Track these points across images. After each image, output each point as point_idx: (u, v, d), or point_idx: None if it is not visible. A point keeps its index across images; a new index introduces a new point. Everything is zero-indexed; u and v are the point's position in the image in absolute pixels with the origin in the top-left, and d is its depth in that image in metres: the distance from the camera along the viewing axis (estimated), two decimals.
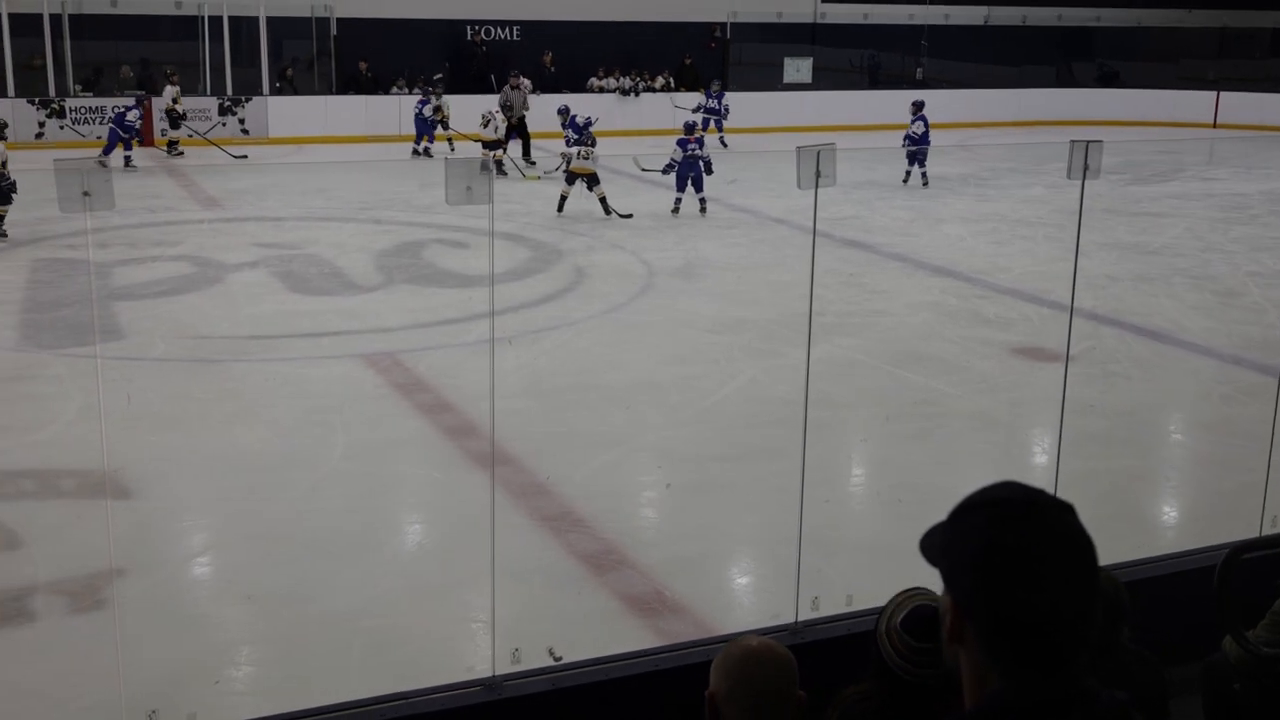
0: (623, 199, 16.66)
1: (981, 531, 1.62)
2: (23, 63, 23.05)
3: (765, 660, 2.57)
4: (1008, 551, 1.59)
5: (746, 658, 2.56)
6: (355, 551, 6.77)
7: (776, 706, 2.53)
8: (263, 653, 5.92)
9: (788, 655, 2.61)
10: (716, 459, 8.15)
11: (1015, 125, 28.25)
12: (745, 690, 2.52)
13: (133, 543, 6.72)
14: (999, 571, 1.58)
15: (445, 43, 26.36)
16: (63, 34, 23.41)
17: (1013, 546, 1.59)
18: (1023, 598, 1.57)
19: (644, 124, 25.29)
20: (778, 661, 2.58)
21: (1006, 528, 1.61)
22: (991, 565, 1.59)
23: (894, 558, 3.38)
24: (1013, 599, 1.57)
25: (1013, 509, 1.63)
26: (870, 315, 11.73)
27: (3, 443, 8.18)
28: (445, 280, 12.91)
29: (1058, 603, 1.57)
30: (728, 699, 2.53)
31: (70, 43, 23.58)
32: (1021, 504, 1.64)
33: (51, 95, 22.92)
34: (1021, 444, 8.98)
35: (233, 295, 12.30)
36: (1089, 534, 1.63)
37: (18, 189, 14.13)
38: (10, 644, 5.80)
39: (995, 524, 1.62)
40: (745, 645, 2.61)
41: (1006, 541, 1.60)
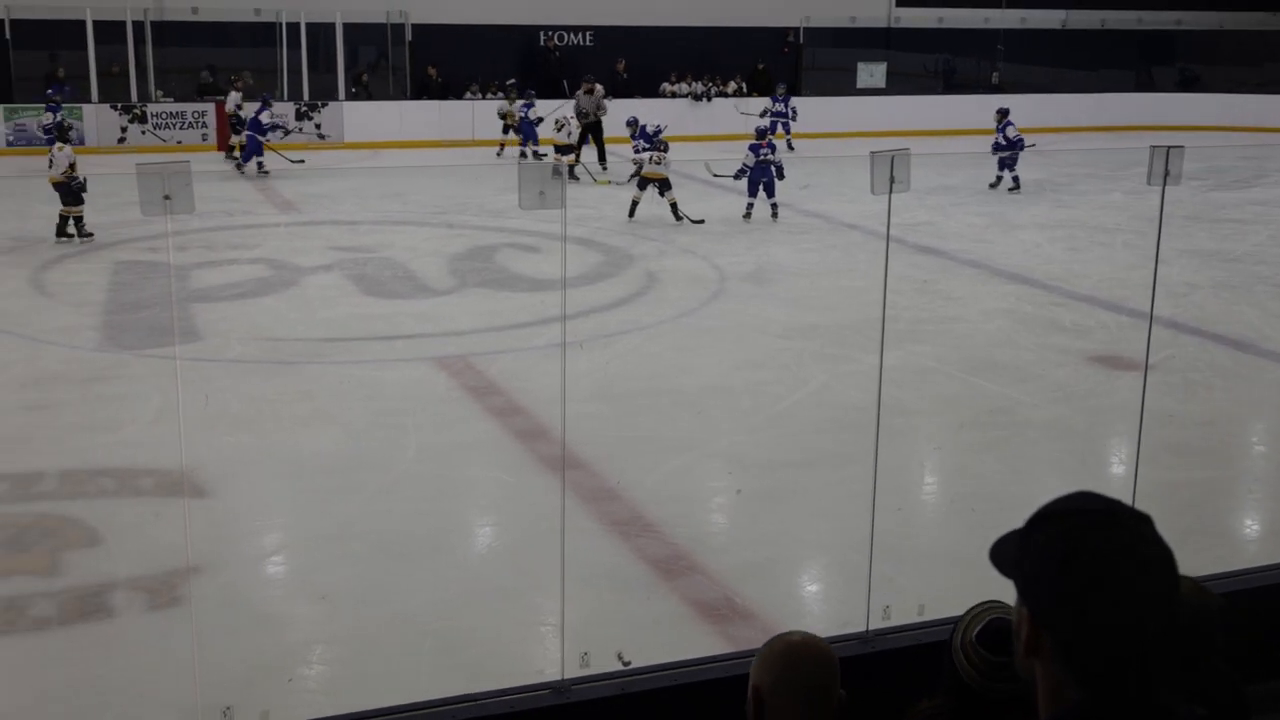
0: (694, 204, 16.66)
1: (1059, 542, 1.60)
2: (105, 69, 23.42)
3: (811, 655, 2.56)
4: (1086, 563, 1.57)
5: (791, 652, 2.55)
6: (426, 553, 6.81)
7: (822, 702, 2.51)
8: (335, 652, 5.97)
9: (831, 651, 2.60)
10: (787, 464, 8.11)
11: (1093, 130, 27.91)
12: (791, 685, 2.50)
13: (208, 541, 6.80)
14: (1077, 583, 1.56)
15: (519, 48, 26.50)
16: (145, 40, 23.77)
17: (1091, 558, 1.57)
18: (1101, 610, 1.54)
19: (716, 129, 25.27)
20: (822, 657, 2.56)
21: (1084, 538, 1.58)
22: (1069, 577, 1.57)
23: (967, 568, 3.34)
24: (1091, 611, 1.55)
25: (1090, 519, 1.61)
26: (944, 322, 11.63)
27: (84, 442, 8.32)
28: (517, 284, 12.97)
29: (1136, 615, 1.54)
30: (773, 693, 2.51)
31: (152, 49, 23.92)
32: (1099, 514, 1.61)
33: (133, 101, 23.29)
34: (1098, 454, 8.86)
35: (308, 298, 12.43)
36: (1168, 545, 1.60)
37: (87, 188, 14.34)
38: (91, 639, 5.89)
39: (1073, 535, 1.59)
40: (789, 641, 2.60)
41: (1084, 553, 1.57)
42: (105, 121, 22.37)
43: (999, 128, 19.76)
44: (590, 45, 27.02)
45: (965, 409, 9.32)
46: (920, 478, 8.27)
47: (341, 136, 24.01)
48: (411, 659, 5.72)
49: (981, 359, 10.44)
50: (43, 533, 6.92)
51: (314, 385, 9.73)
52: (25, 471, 7.76)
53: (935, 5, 29.38)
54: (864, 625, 4.54)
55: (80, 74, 23.17)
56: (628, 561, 6.72)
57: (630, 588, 6.44)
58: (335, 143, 23.85)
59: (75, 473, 7.76)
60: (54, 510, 7.21)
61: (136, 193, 4.02)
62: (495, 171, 20.51)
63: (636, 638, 5.56)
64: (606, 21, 26.85)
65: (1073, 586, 1.56)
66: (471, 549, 7.20)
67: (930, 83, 30.37)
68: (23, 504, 7.32)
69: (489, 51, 25.91)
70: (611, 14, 26.71)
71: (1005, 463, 8.31)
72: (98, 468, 7.86)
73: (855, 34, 29.05)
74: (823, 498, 7.60)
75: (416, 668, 5.63)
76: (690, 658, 4.42)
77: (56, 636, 5.92)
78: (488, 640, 5.94)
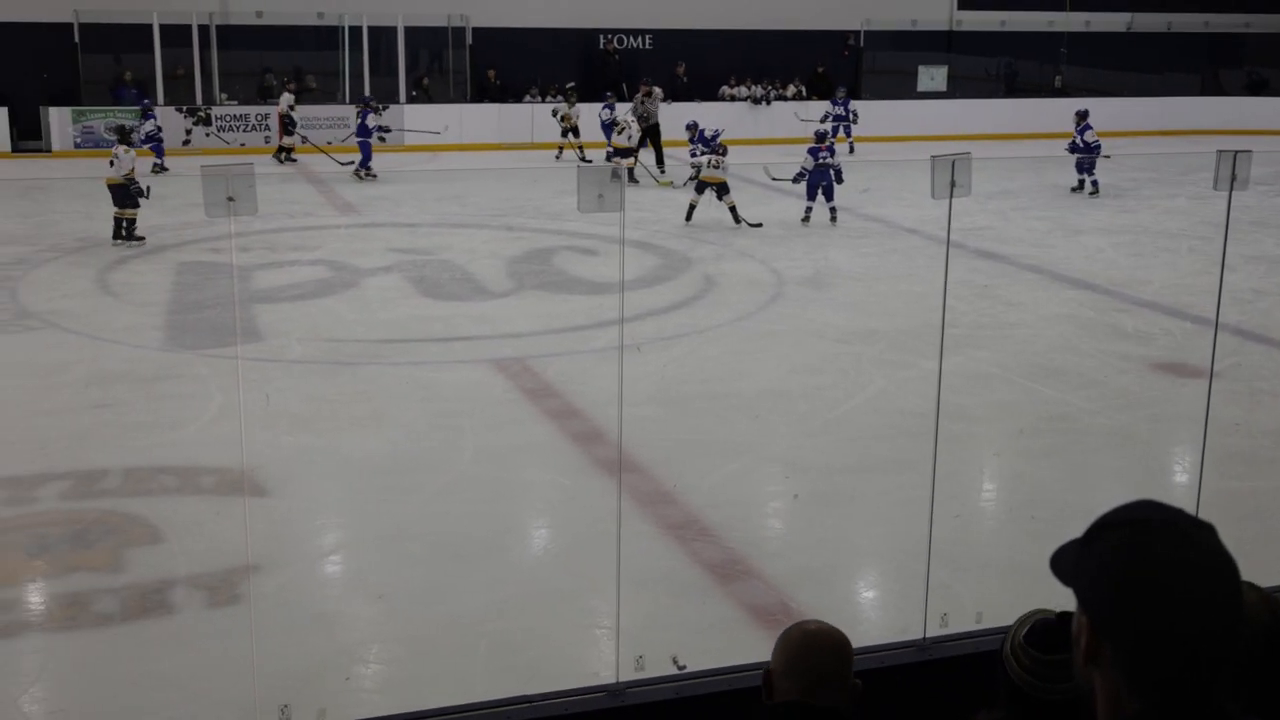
0: (752, 208, 16.63)
1: (1120, 551, 1.58)
2: (170, 72, 23.71)
3: (821, 644, 2.71)
4: (1148, 571, 1.55)
5: (804, 639, 2.71)
6: (483, 554, 6.84)
7: (828, 688, 2.65)
8: (391, 652, 6.00)
9: (843, 641, 2.74)
10: (844, 470, 8.08)
11: (1158, 134, 27.60)
12: (798, 671, 2.65)
13: (268, 540, 6.86)
14: (1139, 592, 1.54)
15: (578, 51, 26.56)
16: (210, 44, 24.03)
17: (1153, 566, 1.55)
18: (1163, 619, 1.52)
19: (775, 133, 25.21)
20: (833, 646, 2.72)
21: (1146, 547, 1.57)
22: (1131, 585, 1.55)
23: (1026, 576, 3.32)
24: (1153, 620, 1.53)
25: (1152, 528, 1.59)
26: (1004, 327, 11.54)
27: (147, 440, 8.42)
28: (575, 287, 12.99)
29: (1198, 625, 1.52)
30: (782, 676, 2.67)
31: (217, 52, 24.19)
32: (1161, 523, 1.59)
33: (198, 104, 23.55)
34: (1161, 462, 8.76)
35: (367, 299, 12.52)
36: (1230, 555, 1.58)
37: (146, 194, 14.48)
38: (152, 635, 5.96)
39: (1135, 543, 1.58)
40: (804, 629, 2.76)
41: (1146, 561, 1.55)
42: (171, 124, 22.61)
43: (1077, 129, 19.61)
44: (649, 49, 27.04)
45: (1025, 415, 9.25)
46: (979, 484, 8.21)
47: (402, 140, 24.14)
48: (467, 660, 5.74)
49: (1042, 365, 10.35)
50: (106, 530, 7.01)
51: (372, 386, 9.79)
52: (89, 469, 7.87)
53: (997, 8, 29.14)
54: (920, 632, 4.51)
55: (147, 77, 23.47)
56: (683, 565, 6.72)
57: (686, 591, 6.44)
58: (395, 145, 23.99)
59: (138, 470, 7.86)
60: (117, 508, 7.30)
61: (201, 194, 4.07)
62: (553, 174, 20.57)
63: (692, 642, 5.55)
64: (666, 25, 26.85)
65: (1133, 596, 1.55)
66: (528, 551, 7.22)
67: (992, 86, 30.14)
68: (87, 501, 7.42)
69: (548, 55, 26.00)
70: (671, 17, 26.71)
71: (1065, 470, 8.23)
72: (160, 466, 7.95)
73: (916, 37, 28.87)
74: (880, 503, 7.57)
75: (472, 668, 5.66)
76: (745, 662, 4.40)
77: (118, 632, 5.99)
78: (543, 642, 5.96)
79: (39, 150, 22.49)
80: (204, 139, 22.97)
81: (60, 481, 7.67)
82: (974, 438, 8.70)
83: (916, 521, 5.20)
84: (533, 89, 25.71)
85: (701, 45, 26.57)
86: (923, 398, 8.46)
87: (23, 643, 5.97)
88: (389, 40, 24.90)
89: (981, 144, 21.56)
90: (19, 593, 6.43)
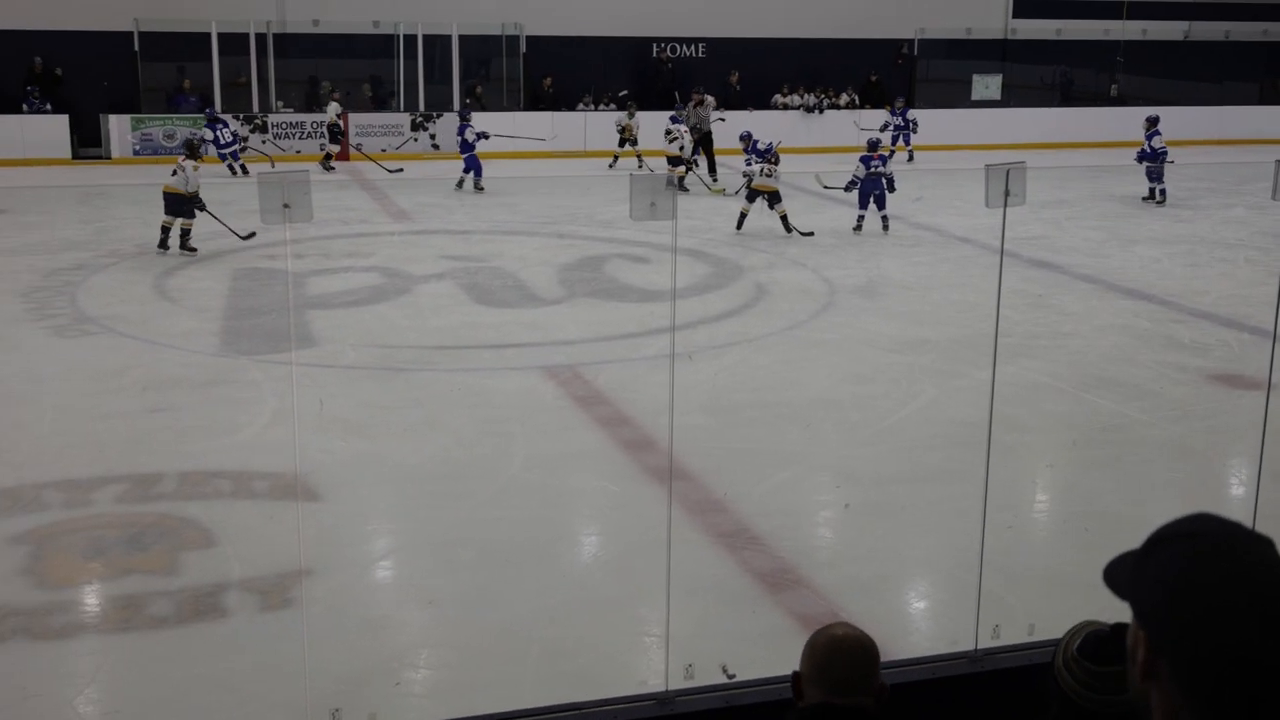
0: (804, 216, 16.59)
1: (1178, 566, 1.56)
2: (228, 80, 23.95)
3: (847, 649, 2.74)
4: (1206, 588, 1.53)
5: (830, 644, 2.75)
6: (533, 561, 6.85)
7: (855, 691, 2.69)
8: (441, 657, 6.03)
9: (868, 643, 2.77)
10: (896, 480, 8.04)
11: (1215, 144, 27.29)
12: (823, 675, 2.70)
13: (320, 544, 6.91)
14: (1198, 607, 1.53)
15: (632, 60, 26.61)
16: (267, 52, 24.27)
17: (1211, 582, 1.53)
18: (1223, 635, 1.51)
19: (827, 141, 25.12)
20: (859, 651, 2.74)
21: (1204, 562, 1.55)
22: (1190, 601, 1.53)
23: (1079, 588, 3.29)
24: (1210, 638, 1.51)
25: (1211, 542, 1.57)
26: (1058, 337, 11.45)
27: (202, 444, 8.50)
28: (626, 295, 13.01)
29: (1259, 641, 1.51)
30: (809, 681, 2.73)
31: (274, 60, 24.42)
32: (1221, 537, 1.58)
33: (255, 111, 23.78)
34: (1217, 475, 8.66)
35: (420, 306, 12.59)
36: None
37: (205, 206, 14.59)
38: (205, 639, 6.02)
39: (1193, 558, 1.56)
40: (831, 633, 2.79)
41: (1204, 577, 1.54)
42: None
43: (1147, 135, 19.47)
44: (702, 57, 27.05)
45: (1078, 426, 9.17)
46: (1031, 495, 8.15)
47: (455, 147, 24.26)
48: (517, 666, 5.76)
49: (1096, 375, 10.26)
50: (161, 533, 7.08)
51: (424, 392, 9.84)
52: (145, 473, 7.95)
53: (1053, 16, 28.94)
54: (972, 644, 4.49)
55: (204, 85, 23.72)
56: (733, 574, 6.71)
57: (736, 600, 6.43)
58: (449, 153, 24.12)
59: (193, 474, 7.93)
60: (172, 511, 7.38)
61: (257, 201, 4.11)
62: (606, 182, 20.61)
63: (741, 651, 5.55)
64: (719, 33, 26.86)
65: (1192, 612, 1.53)
66: (578, 558, 7.23)
67: (1047, 95, 29.92)
68: (143, 504, 7.50)
69: (602, 63, 26.07)
70: (724, 26, 26.72)
71: (1119, 482, 8.16)
72: (214, 470, 8.03)
73: (970, 45, 28.72)
74: (932, 514, 7.53)
75: (521, 675, 5.67)
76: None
77: (172, 635, 6.05)
78: (592, 649, 5.96)
79: (99, 157, 22.79)
80: (260, 146, 23.20)
81: (116, 484, 7.76)
82: (1027, 448, 8.65)
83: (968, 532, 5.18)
84: (586, 97, 25.77)
85: (755, 54, 26.56)
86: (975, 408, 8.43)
87: (78, 644, 6.05)
88: (443, 48, 25.05)
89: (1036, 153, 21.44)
90: (75, 594, 6.51)
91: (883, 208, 16.42)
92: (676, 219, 4.33)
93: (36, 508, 7.42)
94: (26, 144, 22.26)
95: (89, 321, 11.72)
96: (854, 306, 12.70)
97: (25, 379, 10.00)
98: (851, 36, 27.33)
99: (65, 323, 11.65)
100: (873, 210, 16.42)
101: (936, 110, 26.74)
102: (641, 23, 26.37)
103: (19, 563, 6.70)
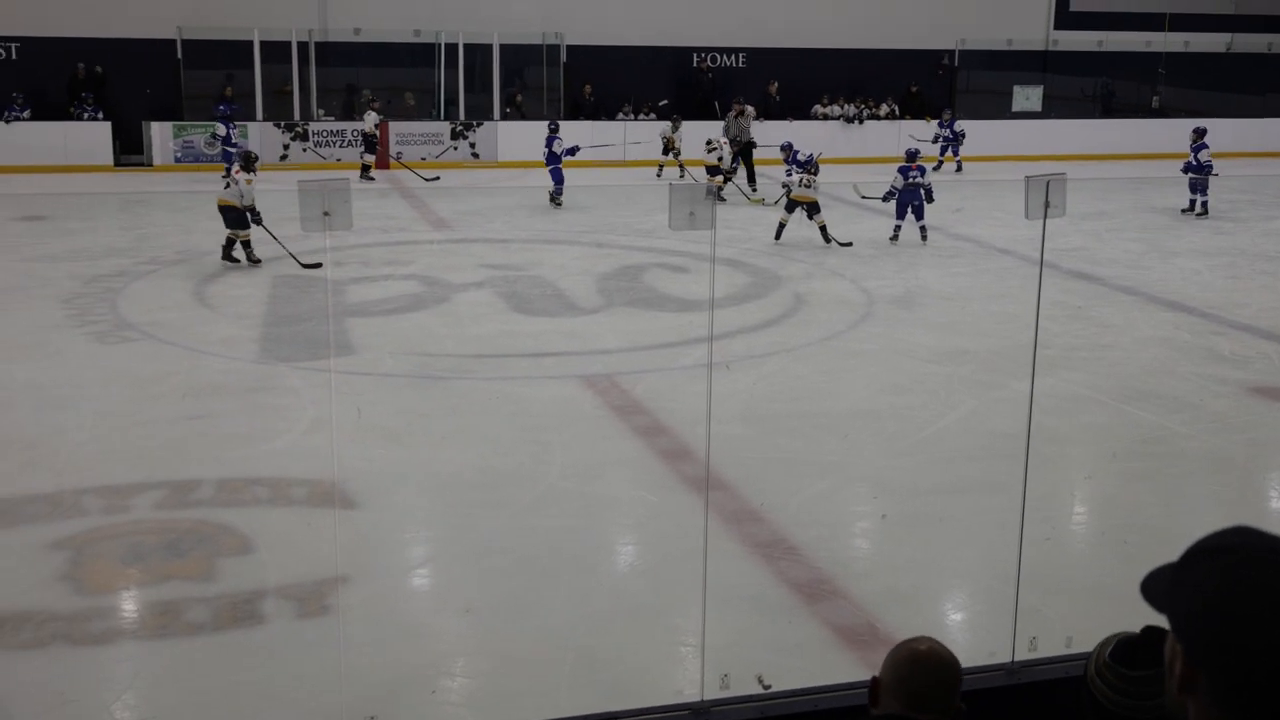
0: (843, 226, 16.56)
1: (1218, 578, 1.55)
2: (273, 88, 24.11)
3: (930, 664, 2.74)
4: (1248, 601, 1.51)
5: (914, 657, 2.76)
6: (569, 570, 6.86)
7: (930, 708, 2.70)
8: (477, 665, 6.04)
9: (952, 664, 2.77)
10: (934, 491, 8.01)
11: (1258, 156, 27.06)
12: (903, 687, 2.71)
13: (357, 552, 6.94)
14: (1238, 622, 1.51)
15: (672, 69, 26.63)
16: (309, 60, 24.42)
17: (1252, 597, 1.52)
18: (1262, 652, 1.49)
19: (868, 152, 25.10)
20: (941, 668, 2.75)
21: (1247, 576, 1.53)
22: (1230, 615, 1.52)
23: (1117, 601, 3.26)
24: (1253, 652, 1.50)
25: (1254, 556, 1.56)
26: (1097, 349, 11.38)
27: (241, 451, 8.55)
28: (664, 304, 13.01)
29: None
30: (887, 690, 2.74)
31: (315, 69, 24.57)
32: (1263, 551, 1.56)
33: (296, 119, 23.93)
34: (1257, 487, 8.59)
35: (459, 314, 12.63)
36: None
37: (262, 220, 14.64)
38: (242, 645, 6.04)
39: (1233, 572, 1.54)
40: (915, 647, 2.79)
41: (1245, 591, 1.52)
42: (269, 139, 23.03)
43: (1193, 147, 19.33)
44: (743, 67, 27.05)
45: (1117, 438, 9.11)
46: (1070, 507, 8.09)
47: (495, 155, 24.37)
48: (553, 675, 5.76)
49: (1135, 387, 10.19)
50: (199, 539, 7.13)
51: (462, 401, 9.87)
52: (184, 479, 8.00)
53: (1095, 28, 28.78)
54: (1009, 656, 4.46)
55: (247, 93, 23.91)
56: (770, 584, 6.69)
57: (772, 611, 6.41)
58: (488, 162, 24.23)
59: (231, 481, 7.98)
60: (210, 517, 7.42)
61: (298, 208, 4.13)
62: (645, 191, 20.62)
63: (777, 661, 5.53)
64: (759, 43, 26.85)
65: (1232, 627, 1.51)
66: (614, 567, 7.23)
67: (1088, 106, 29.76)
68: (181, 510, 7.55)
69: (642, 73, 26.10)
70: (764, 36, 26.70)
71: (1159, 494, 8.10)
72: (253, 477, 8.07)
73: (1011, 56, 28.57)
74: (969, 525, 7.49)
75: (557, 684, 5.67)
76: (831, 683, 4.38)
77: (209, 641, 6.08)
78: (628, 659, 5.96)
79: (140, 164, 22.99)
80: (301, 154, 23.36)
81: (155, 491, 7.82)
82: (1066, 460, 8.60)
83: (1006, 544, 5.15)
84: (626, 106, 25.81)
85: (795, 64, 26.52)
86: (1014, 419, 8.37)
87: (116, 650, 6.09)
88: (484, 57, 25.13)
89: (1076, 164, 21.34)
90: (113, 600, 6.56)
91: (921, 218, 16.36)
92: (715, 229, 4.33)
93: (76, 513, 7.48)
94: (69, 151, 22.49)
95: (129, 328, 11.81)
96: (892, 317, 12.66)
97: (66, 385, 10.09)
98: (892, 47, 27.26)
99: (106, 329, 11.75)
100: (910, 220, 16.37)
101: (977, 121, 26.62)
102: (682, 33, 26.39)
103: (59, 568, 6.76)
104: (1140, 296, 13.63)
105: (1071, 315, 12.42)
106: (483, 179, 22.70)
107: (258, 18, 23.35)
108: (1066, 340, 11.44)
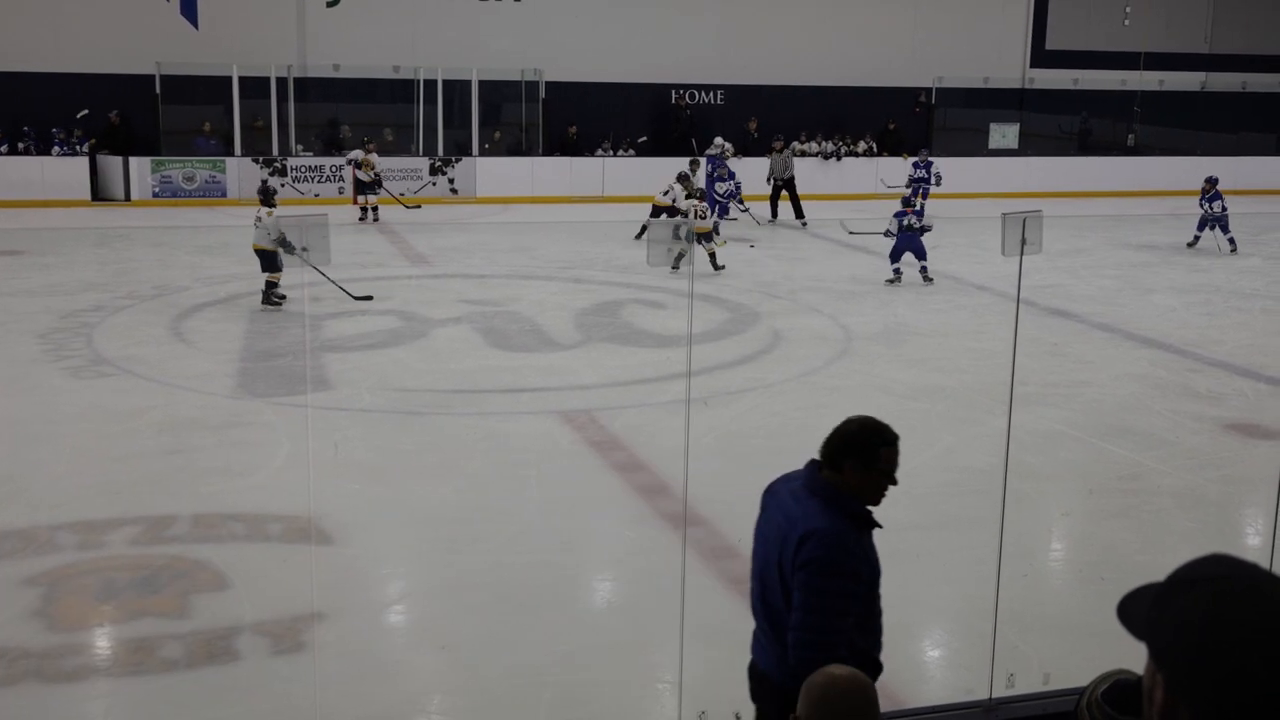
0: (825, 262, 16.63)
1: (1201, 609, 1.55)
2: (248, 123, 24.13)
3: (846, 690, 2.77)
4: (1229, 631, 1.52)
5: (828, 685, 2.78)
6: (547, 606, 6.83)
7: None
8: (453, 702, 6.01)
9: (867, 687, 2.80)
10: (911, 527, 7.99)
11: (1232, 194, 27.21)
12: (824, 715, 2.74)
13: (333, 588, 6.89)
14: (1219, 654, 1.51)
15: (650, 106, 26.75)
16: (288, 96, 24.46)
17: (1234, 628, 1.52)
18: (1245, 680, 1.49)
19: (846, 188, 25.25)
20: (857, 693, 2.78)
21: (1227, 607, 1.54)
22: (1211, 647, 1.52)
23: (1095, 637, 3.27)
24: (1236, 683, 1.50)
25: (1235, 587, 1.56)
26: (1074, 386, 11.42)
27: (216, 486, 8.51)
28: (642, 340, 13.02)
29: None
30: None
31: (294, 104, 24.60)
32: (1244, 581, 1.57)
33: (274, 155, 23.94)
34: (1233, 524, 8.62)
35: (437, 350, 12.61)
36: None
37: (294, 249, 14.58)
38: (216, 682, 5.99)
39: (1215, 602, 1.55)
40: (829, 674, 2.83)
41: (1227, 622, 1.52)
42: (246, 174, 23.02)
43: (1208, 198, 19.53)
44: (721, 104, 27.19)
45: (1094, 475, 9.14)
46: (1047, 544, 8.10)
47: (474, 191, 24.42)
48: (529, 712, 5.73)
49: (1112, 424, 10.23)
50: (174, 575, 7.08)
51: (440, 436, 9.85)
52: (159, 514, 7.95)
53: (1071, 66, 29.04)
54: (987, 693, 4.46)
55: (224, 128, 23.92)
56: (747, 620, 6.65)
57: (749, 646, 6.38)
58: (467, 197, 24.27)
59: (207, 516, 7.94)
60: (185, 553, 7.37)
61: None
62: (623, 228, 20.66)
63: None
64: (737, 81, 27.00)
65: (1214, 657, 1.51)
66: (591, 603, 7.21)
67: (1064, 144, 29.98)
68: (156, 546, 7.50)
69: (620, 109, 26.22)
70: (742, 73, 26.86)
71: (1135, 531, 8.12)
72: (228, 512, 8.03)
73: (988, 94, 28.81)
74: (947, 562, 7.49)
75: None
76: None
77: (184, 678, 6.03)
78: (605, 695, 5.94)
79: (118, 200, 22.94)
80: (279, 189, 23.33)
81: (130, 526, 7.77)
82: (1043, 496, 8.61)
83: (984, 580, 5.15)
84: (604, 143, 25.91)
85: (773, 101, 26.68)
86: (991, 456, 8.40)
87: (89, 687, 6.03)
88: (463, 93, 25.21)
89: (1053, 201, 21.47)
90: (87, 637, 6.51)
91: (922, 258, 16.24)
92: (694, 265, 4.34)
93: (50, 549, 7.43)
94: (46, 185, 22.44)
95: (105, 363, 11.76)
96: (870, 353, 12.69)
97: (41, 420, 10.04)
98: (870, 85, 27.46)
99: (82, 364, 11.69)
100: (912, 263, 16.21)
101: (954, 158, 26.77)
102: (660, 70, 26.53)
103: (31, 604, 6.70)
104: (1116, 334, 13.70)
105: (1048, 352, 12.47)
106: (462, 214, 22.72)
107: (236, 54, 23.40)
108: (1043, 377, 11.48)
